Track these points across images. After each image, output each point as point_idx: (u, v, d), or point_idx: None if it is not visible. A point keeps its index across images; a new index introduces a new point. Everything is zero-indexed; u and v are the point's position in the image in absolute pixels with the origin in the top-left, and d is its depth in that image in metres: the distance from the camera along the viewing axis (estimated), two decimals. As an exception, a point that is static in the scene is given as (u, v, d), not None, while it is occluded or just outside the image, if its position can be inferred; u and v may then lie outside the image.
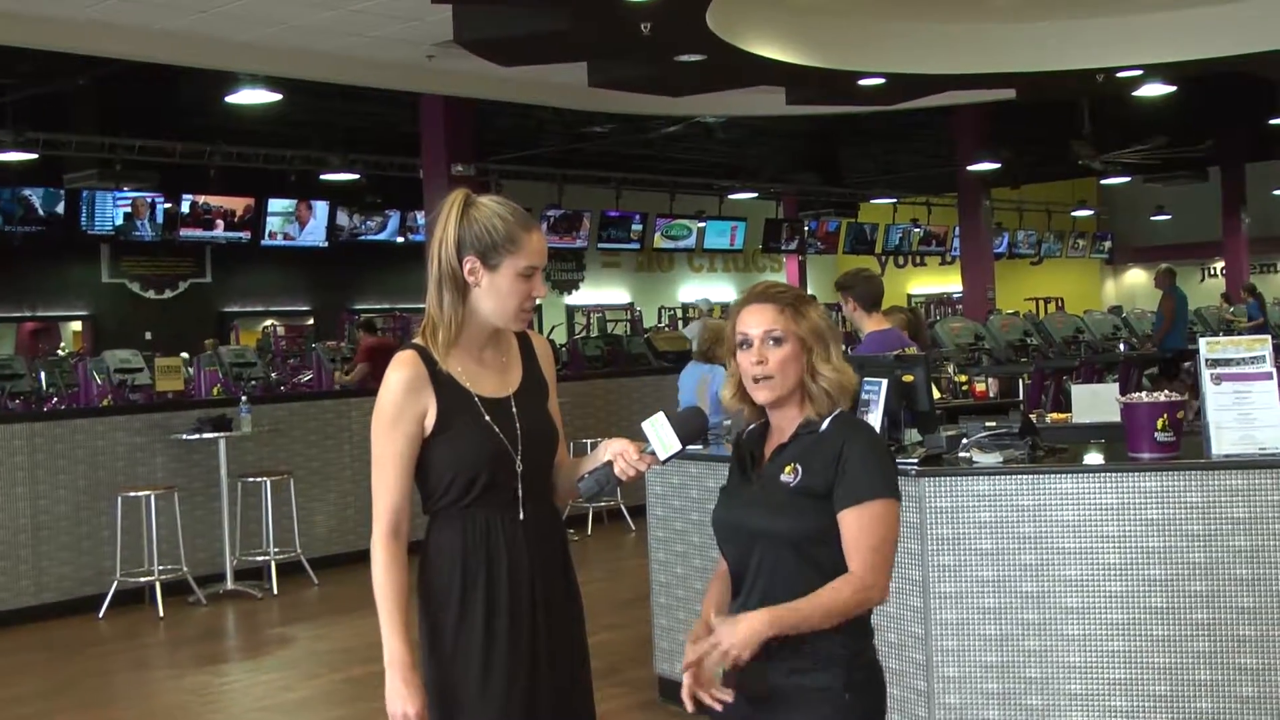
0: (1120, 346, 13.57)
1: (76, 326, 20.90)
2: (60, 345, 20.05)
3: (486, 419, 2.86)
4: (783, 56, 10.95)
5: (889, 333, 6.40)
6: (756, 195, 21.84)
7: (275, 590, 9.40)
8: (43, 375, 12.32)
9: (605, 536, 11.28)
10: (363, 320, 15.38)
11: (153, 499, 8.89)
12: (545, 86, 12.80)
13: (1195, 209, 25.75)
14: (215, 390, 11.19)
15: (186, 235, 15.02)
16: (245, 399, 9.64)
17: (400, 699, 2.77)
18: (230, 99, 12.51)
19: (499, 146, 17.74)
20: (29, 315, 20.27)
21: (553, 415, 3.02)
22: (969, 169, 17.64)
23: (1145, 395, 4.83)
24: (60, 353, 17.81)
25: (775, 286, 2.84)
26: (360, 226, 16.82)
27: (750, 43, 10.46)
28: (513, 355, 3.00)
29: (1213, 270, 28.00)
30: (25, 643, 8.33)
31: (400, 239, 17.28)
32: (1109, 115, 17.93)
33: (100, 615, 8.83)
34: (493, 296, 2.87)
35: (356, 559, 9.71)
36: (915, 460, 4.81)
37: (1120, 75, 12.35)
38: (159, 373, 10.36)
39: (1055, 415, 7.00)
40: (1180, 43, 11.56)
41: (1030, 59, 11.82)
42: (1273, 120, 18.86)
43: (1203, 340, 4.72)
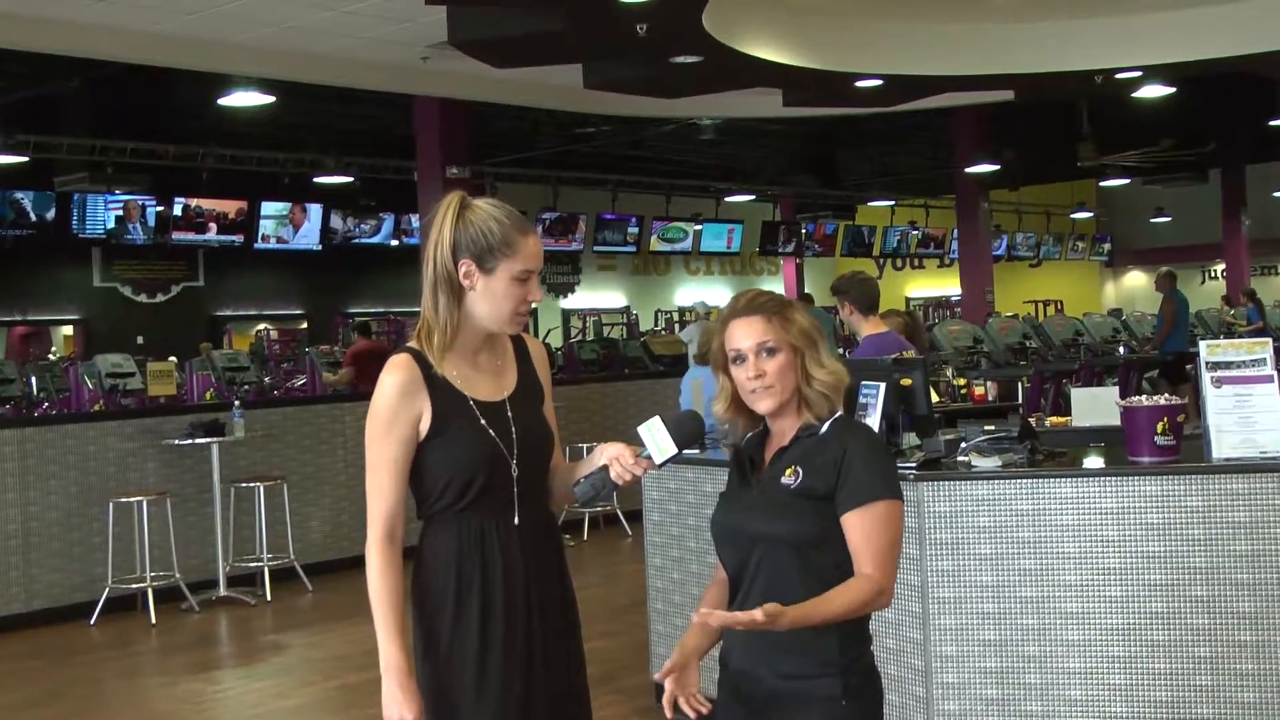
0: (1120, 349, 13.58)
1: (68, 330, 20.89)
2: (51, 349, 20.03)
3: (482, 422, 2.87)
4: (780, 58, 10.96)
5: (886, 336, 6.41)
6: (753, 197, 21.85)
7: (269, 597, 9.40)
8: (33, 380, 12.30)
9: (601, 542, 11.28)
10: (358, 323, 15.37)
11: (145, 505, 8.89)
12: (540, 88, 12.81)
13: (1195, 211, 25.78)
14: (208, 395, 11.18)
15: (179, 239, 14.99)
16: (238, 404, 9.64)
17: (397, 705, 2.78)
18: (223, 101, 12.51)
19: (494, 149, 17.75)
20: (19, 319, 20.26)
21: (548, 419, 3.02)
22: (967, 171, 17.65)
23: (1145, 398, 4.84)
24: (51, 357, 17.77)
25: (759, 297, 2.85)
26: (354, 229, 16.82)
27: (747, 44, 10.47)
28: (508, 359, 3.00)
29: (1213, 273, 28.03)
30: (16, 650, 8.31)
31: (395, 242, 17.28)
32: (1108, 117, 17.94)
33: (92, 622, 8.82)
34: (488, 300, 2.87)
35: (351, 565, 9.71)
36: (913, 464, 4.81)
37: (1119, 76, 12.37)
38: (151, 377, 10.35)
39: (1055, 419, 7.00)
40: (1180, 43, 11.58)
41: (1029, 60, 11.84)
42: (1273, 121, 18.88)
43: (1203, 343, 4.73)
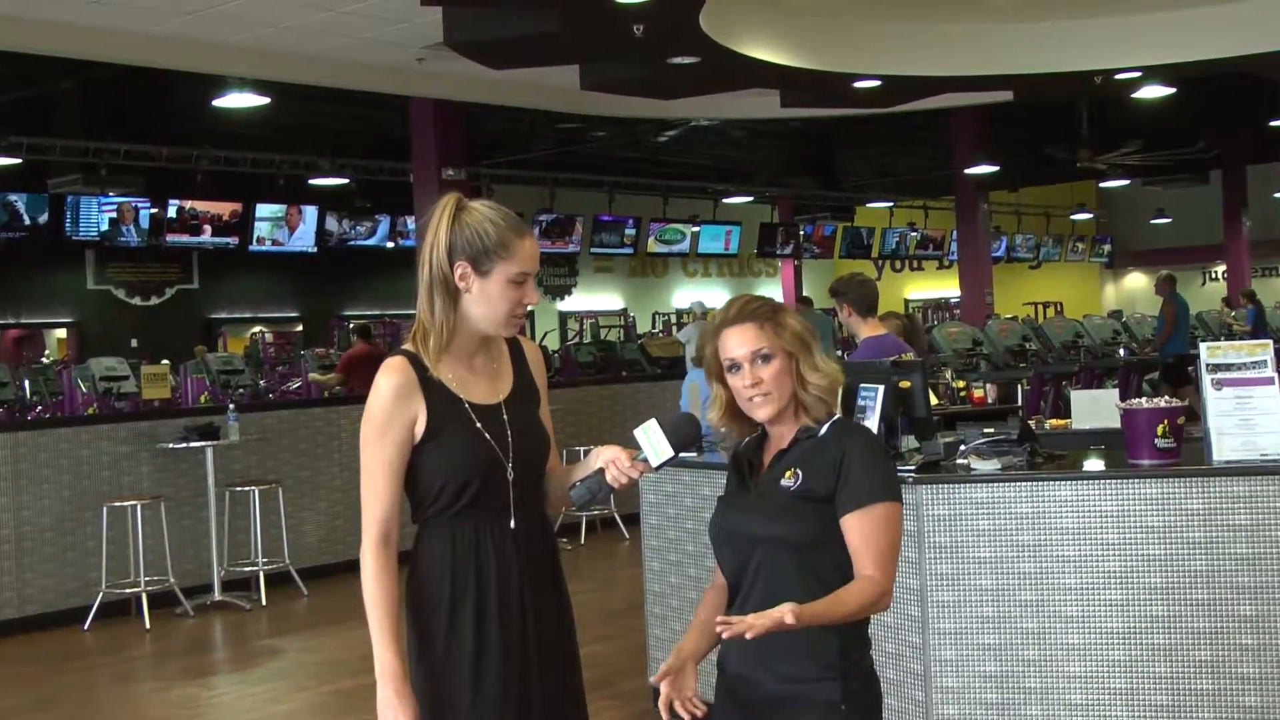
0: (1120, 351, 13.59)
1: (61, 334, 20.89)
2: (44, 353, 20.01)
3: (477, 426, 2.87)
4: (777, 59, 10.97)
5: (885, 338, 6.41)
6: (751, 199, 21.87)
7: (264, 601, 9.39)
8: (26, 383, 12.28)
9: (599, 545, 11.27)
10: (358, 326, 15.32)
11: (139, 509, 8.88)
12: (537, 89, 12.81)
13: (1196, 212, 25.80)
14: (202, 398, 11.17)
15: (173, 241, 14.99)
16: (233, 407, 9.63)
17: (392, 710, 2.77)
18: (217, 102, 12.51)
19: (490, 150, 17.76)
20: (13, 322, 20.25)
21: (544, 422, 3.02)
22: (966, 172, 17.66)
23: (1145, 401, 4.84)
24: (44, 360, 17.76)
25: (750, 303, 2.85)
26: (350, 231, 16.82)
27: (744, 45, 10.47)
28: (504, 361, 3.00)
29: (1214, 274, 28.04)
30: (9, 656, 8.30)
31: (390, 244, 17.28)
32: (1108, 117, 17.96)
33: (85, 627, 8.81)
34: (483, 302, 2.87)
35: (346, 569, 9.70)
36: (913, 467, 4.81)
37: (1119, 77, 12.38)
38: (145, 380, 10.35)
39: (1054, 421, 7.01)
40: (1180, 44, 11.59)
41: (1028, 60, 11.85)
42: (1274, 122, 18.91)
43: (1203, 345, 4.73)
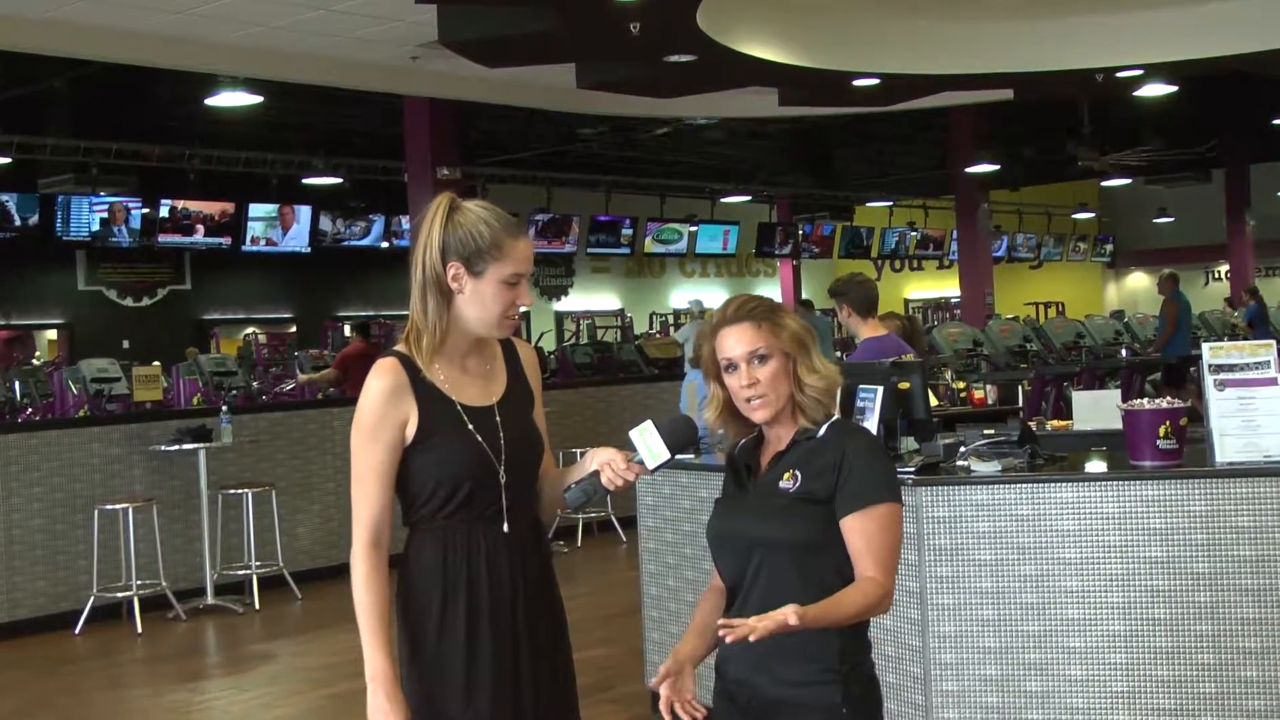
0: (1122, 352, 13.59)
1: (52, 335, 20.86)
2: (35, 354, 20.00)
3: (469, 428, 2.87)
4: (775, 57, 10.96)
5: (885, 339, 6.42)
6: (749, 198, 21.87)
7: (257, 605, 9.38)
8: (17, 385, 12.29)
9: (596, 548, 11.27)
10: (358, 324, 15.27)
11: (130, 512, 8.88)
12: (532, 88, 12.81)
13: (1198, 211, 25.81)
14: (195, 400, 11.16)
15: (165, 241, 14.98)
16: (225, 409, 9.63)
17: (383, 714, 2.77)
18: (210, 101, 12.50)
19: (485, 149, 17.75)
20: (2, 324, 20.23)
21: (538, 424, 3.03)
22: (966, 171, 17.66)
23: (1147, 402, 4.85)
24: (35, 362, 17.75)
25: (748, 302, 2.85)
26: (344, 231, 16.81)
27: (742, 43, 10.48)
28: (497, 363, 3.00)
29: (1217, 274, 28.06)
30: (-1, 660, 8.32)
31: (385, 244, 17.27)
32: (1109, 116, 17.97)
33: (76, 632, 8.80)
34: (477, 303, 2.88)
35: (340, 572, 9.65)
36: (912, 469, 4.81)
37: (1120, 75, 12.38)
38: (137, 382, 10.33)
39: (1056, 422, 7.01)
40: (1182, 41, 11.59)
41: (1027, 58, 11.85)
42: (1277, 120, 18.91)
43: (1206, 346, 4.73)
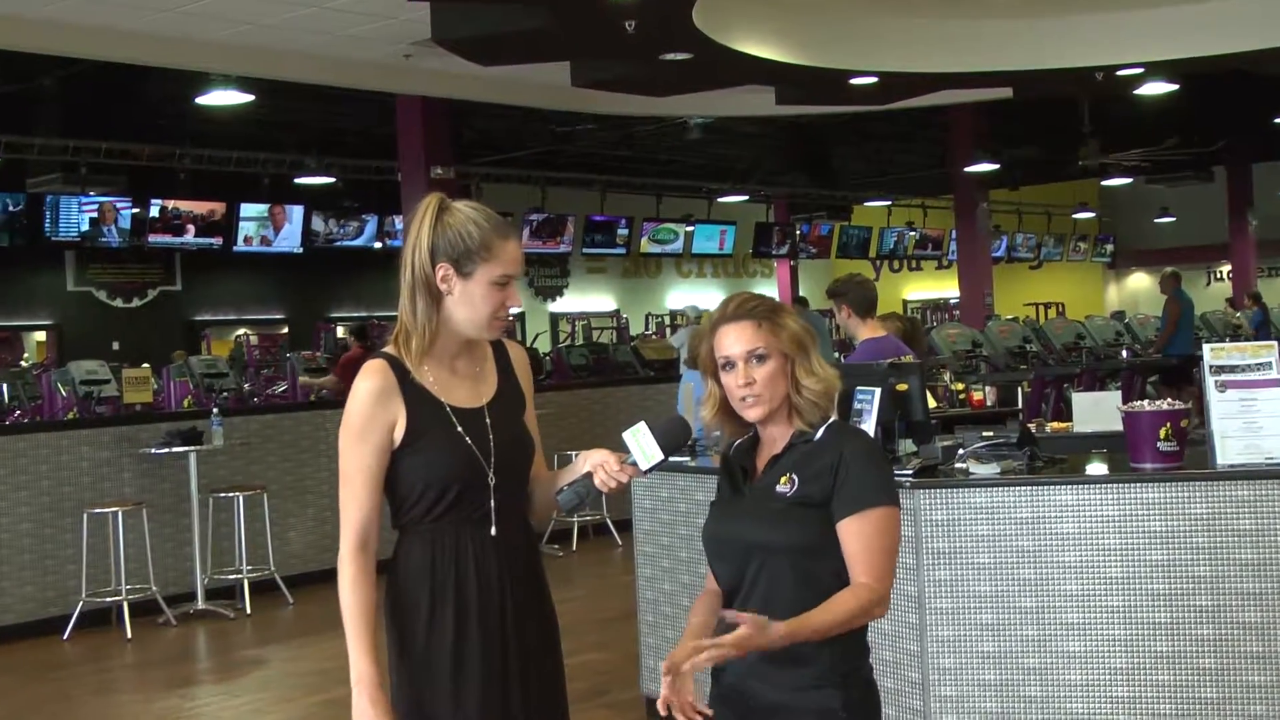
0: (1123, 353, 13.60)
1: (40, 336, 20.83)
2: (23, 356, 19.97)
3: (458, 430, 2.87)
4: (772, 55, 10.96)
5: (884, 340, 6.42)
6: (746, 198, 21.87)
7: (248, 610, 9.38)
8: (4, 387, 12.27)
9: (591, 552, 11.27)
10: (354, 327, 15.20)
11: (120, 516, 8.86)
12: (527, 86, 12.81)
13: (1200, 211, 25.81)
14: (185, 402, 11.16)
15: (155, 241, 14.97)
16: (217, 411, 9.62)
17: (367, 719, 2.78)
18: (200, 100, 12.49)
19: (480, 148, 17.74)
20: (-9, 325, 20.21)
21: (529, 427, 3.03)
22: (965, 170, 17.66)
23: (1148, 403, 4.85)
24: (23, 364, 17.74)
25: (749, 300, 2.85)
26: (336, 231, 16.80)
27: (738, 41, 10.48)
28: (488, 364, 3.01)
29: (1219, 274, 28.07)
30: (-13, 666, 8.30)
31: (378, 244, 17.26)
32: (1110, 114, 17.97)
33: (65, 637, 8.79)
34: (466, 305, 2.88)
35: (333, 577, 9.58)
36: (910, 472, 4.81)
37: (1121, 73, 12.38)
38: (127, 384, 10.32)
39: (1056, 424, 7.02)
40: (1183, 39, 11.59)
41: (1027, 56, 11.85)
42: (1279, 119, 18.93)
43: (1207, 346, 4.73)
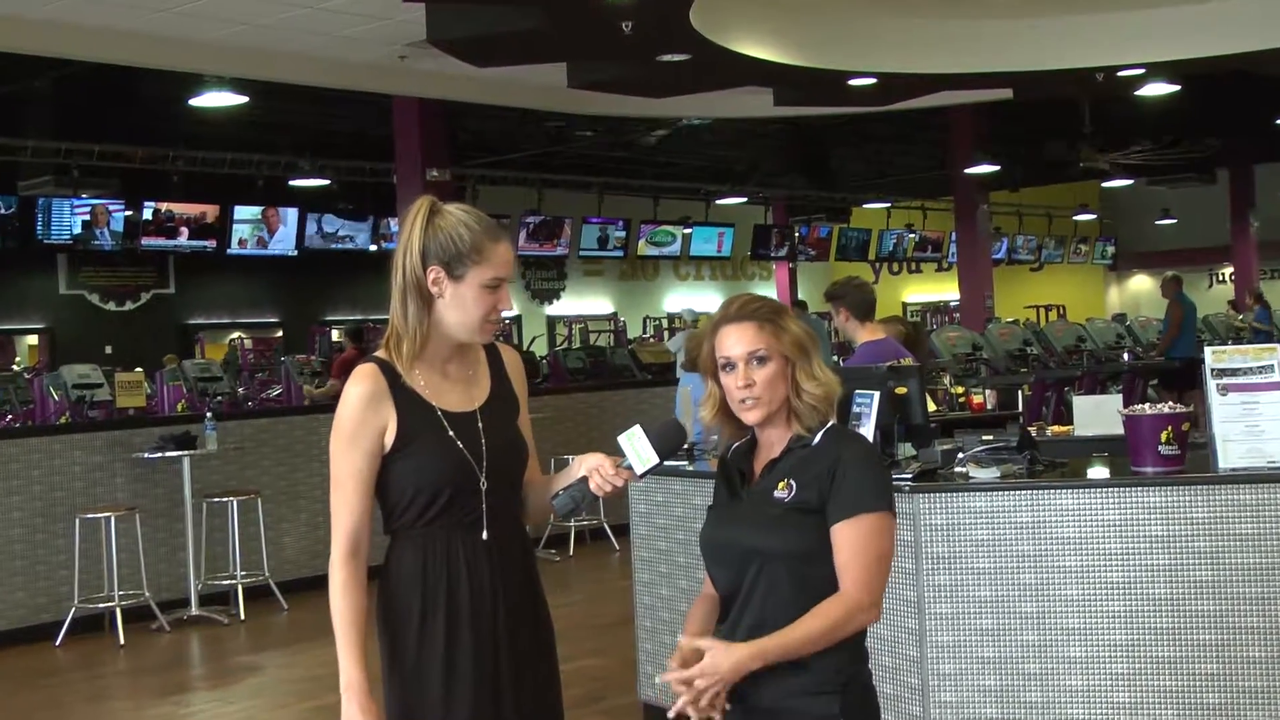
0: (1124, 356, 13.60)
1: (32, 340, 20.81)
2: (15, 360, 19.95)
3: (449, 434, 2.88)
4: (770, 56, 10.97)
5: (883, 343, 6.42)
6: (745, 200, 21.87)
7: (242, 616, 9.36)
8: (-4, 391, 12.25)
9: (588, 556, 11.26)
10: (349, 328, 15.19)
11: (113, 521, 8.86)
12: (523, 88, 12.81)
13: (1202, 212, 25.82)
14: (179, 406, 11.15)
15: (148, 244, 14.96)
16: (210, 415, 9.61)
17: None
18: (194, 101, 12.48)
19: (475, 150, 17.74)
20: (-18, 329, 20.19)
21: (523, 431, 3.03)
22: (966, 172, 17.66)
23: (1149, 407, 4.85)
24: (15, 367, 17.72)
25: (752, 302, 2.85)
26: (331, 234, 16.77)
27: (736, 42, 10.48)
28: (480, 368, 3.01)
29: (1221, 276, 28.09)
30: (-22, 673, 8.29)
31: (374, 247, 17.26)
32: (1111, 116, 17.98)
33: (57, 643, 8.78)
34: (457, 308, 2.89)
35: (327, 583, 9.67)
36: (909, 475, 4.81)
37: (1121, 74, 12.39)
38: (119, 388, 10.31)
39: (1056, 428, 7.03)
40: (1184, 39, 11.59)
41: (1027, 57, 11.85)
42: (1281, 119, 18.94)
43: (1208, 350, 4.74)
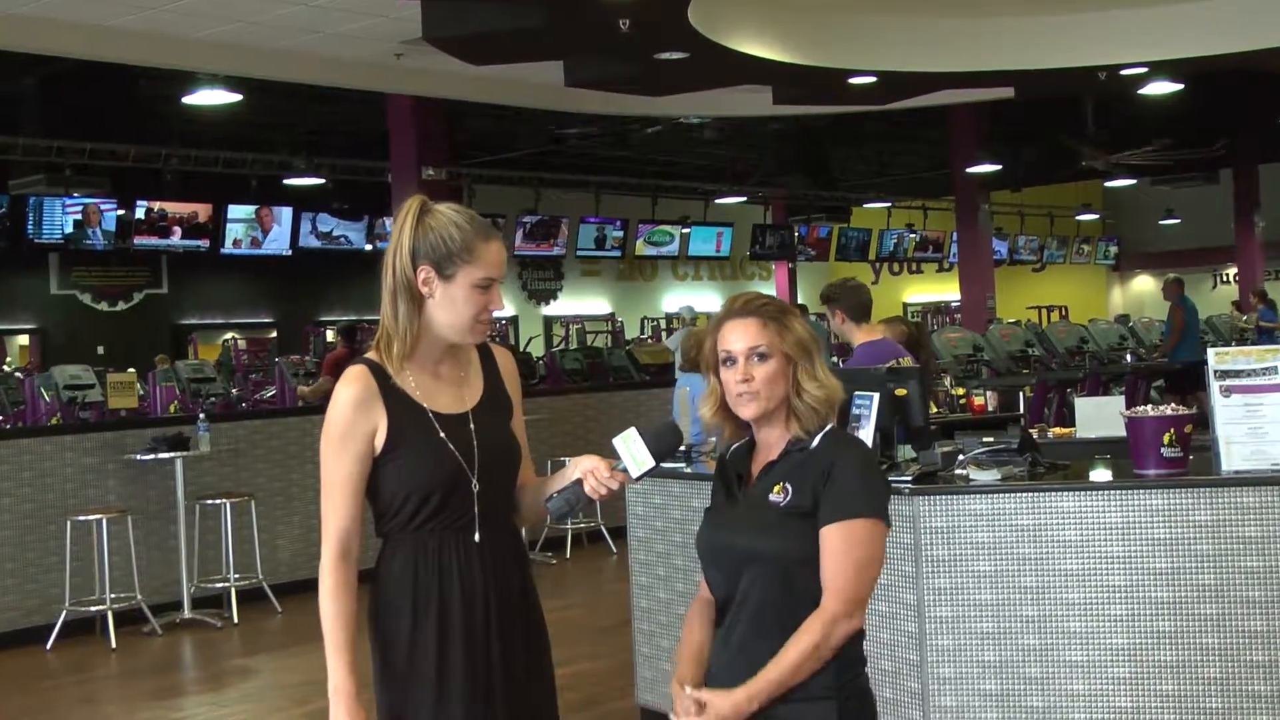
0: (1127, 357, 13.62)
1: (23, 340, 20.82)
2: (6, 360, 19.95)
3: (440, 436, 2.88)
4: (769, 54, 10.98)
5: (881, 343, 6.41)
6: (744, 199, 21.88)
7: (235, 619, 9.35)
8: (-13, 392, 12.24)
9: (585, 559, 11.26)
10: (342, 327, 15.16)
11: (104, 523, 8.84)
12: (520, 86, 12.82)
13: (1206, 212, 25.86)
14: (172, 408, 11.13)
15: (141, 244, 14.96)
16: (203, 417, 9.60)
17: None
18: (187, 99, 12.49)
19: (472, 149, 17.75)
20: (-27, 329, 20.20)
21: (516, 433, 3.03)
22: (967, 171, 17.69)
23: (1152, 409, 4.85)
24: (6, 368, 17.72)
25: (757, 299, 2.86)
26: (329, 232, 16.76)
27: (735, 40, 10.49)
28: (473, 369, 3.01)
29: (1225, 276, 28.12)
30: (-32, 677, 8.28)
31: (369, 246, 17.26)
32: (1114, 115, 18.00)
33: (48, 647, 8.76)
34: (447, 308, 2.89)
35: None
36: (909, 478, 4.81)
37: (1124, 73, 12.40)
38: (111, 389, 10.30)
39: (1058, 430, 7.03)
40: (1188, 38, 11.60)
41: (1029, 55, 11.87)
42: (1286, 119, 18.96)
43: (1211, 351, 4.74)
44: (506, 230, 16.83)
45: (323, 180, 16.53)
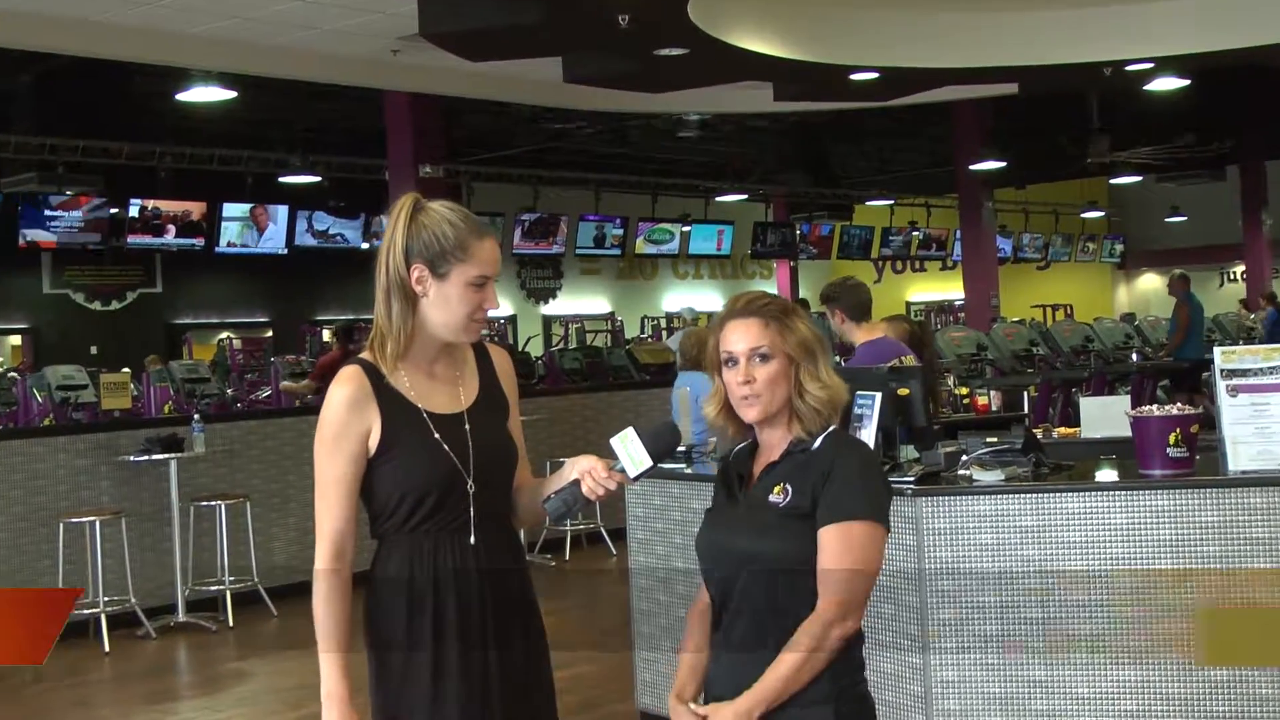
0: (1133, 356, 13.60)
1: (15, 340, 20.82)
2: (-2, 361, 19.97)
3: (435, 436, 2.88)
4: (770, 50, 10.97)
5: (882, 342, 6.41)
6: (745, 197, 21.87)
7: (231, 622, 9.35)
8: (-21, 393, 12.25)
9: (585, 561, 11.25)
10: (339, 327, 15.12)
11: (98, 525, 8.84)
12: (518, 82, 12.81)
13: (1213, 210, 25.83)
14: (166, 408, 11.14)
15: (134, 242, 14.94)
16: (198, 417, 9.60)
17: None
18: (181, 96, 12.48)
19: (470, 146, 17.74)
20: (-35, 329, 20.20)
21: (512, 433, 3.03)
22: (970, 168, 17.68)
23: (1157, 408, 4.84)
24: (-1, 368, 17.73)
25: (760, 298, 2.85)
26: (326, 230, 16.74)
27: (735, 35, 10.48)
28: (468, 369, 3.01)
29: (1232, 275, 28.10)
30: (-40, 681, 8.27)
31: (365, 245, 17.23)
32: (1119, 111, 17.98)
33: (41, 650, 8.76)
34: (441, 307, 2.89)
35: (317, 588, 9.65)
36: (912, 478, 4.80)
37: (1130, 68, 12.39)
38: (105, 390, 10.30)
39: (1063, 430, 7.03)
40: (1194, 33, 11.60)
41: (1033, 51, 11.86)
42: (1293, 115, 18.95)
43: (1218, 350, 4.73)
44: (505, 228, 16.82)
45: (319, 178, 16.51)
